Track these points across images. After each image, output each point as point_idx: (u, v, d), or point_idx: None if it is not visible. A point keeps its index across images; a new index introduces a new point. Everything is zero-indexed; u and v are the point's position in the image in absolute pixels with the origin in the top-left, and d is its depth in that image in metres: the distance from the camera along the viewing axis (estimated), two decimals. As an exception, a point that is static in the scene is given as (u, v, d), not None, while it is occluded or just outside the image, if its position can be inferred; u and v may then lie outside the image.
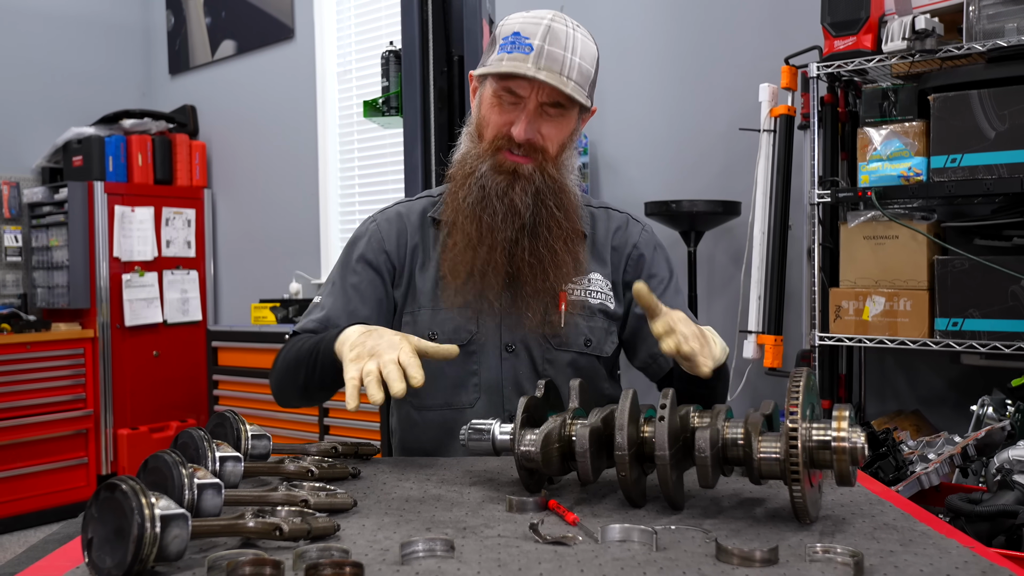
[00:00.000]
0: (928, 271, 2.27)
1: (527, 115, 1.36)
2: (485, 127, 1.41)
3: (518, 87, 1.36)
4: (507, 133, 1.37)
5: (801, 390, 0.94)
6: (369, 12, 4.28)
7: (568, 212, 1.42)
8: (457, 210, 1.41)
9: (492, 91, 1.39)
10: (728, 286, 3.08)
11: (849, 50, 2.34)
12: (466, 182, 1.40)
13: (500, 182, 1.37)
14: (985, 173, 2.15)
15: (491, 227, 1.38)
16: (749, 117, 2.86)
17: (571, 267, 1.42)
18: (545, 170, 1.39)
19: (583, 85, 1.37)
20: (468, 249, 1.39)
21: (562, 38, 1.35)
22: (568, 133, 1.42)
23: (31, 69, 4.73)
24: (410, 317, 1.46)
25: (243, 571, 0.72)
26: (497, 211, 1.37)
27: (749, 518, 0.98)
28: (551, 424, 1.07)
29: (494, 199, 1.37)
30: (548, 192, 1.39)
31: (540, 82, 1.33)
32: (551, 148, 1.39)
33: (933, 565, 0.81)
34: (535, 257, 1.39)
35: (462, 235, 1.40)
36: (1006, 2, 2.15)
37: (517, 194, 1.37)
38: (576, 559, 0.83)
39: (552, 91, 1.35)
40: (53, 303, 4.51)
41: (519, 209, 1.37)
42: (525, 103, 1.36)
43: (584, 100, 1.37)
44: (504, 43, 1.37)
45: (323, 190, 4.42)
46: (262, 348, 3.90)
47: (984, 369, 2.48)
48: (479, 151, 1.41)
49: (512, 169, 1.38)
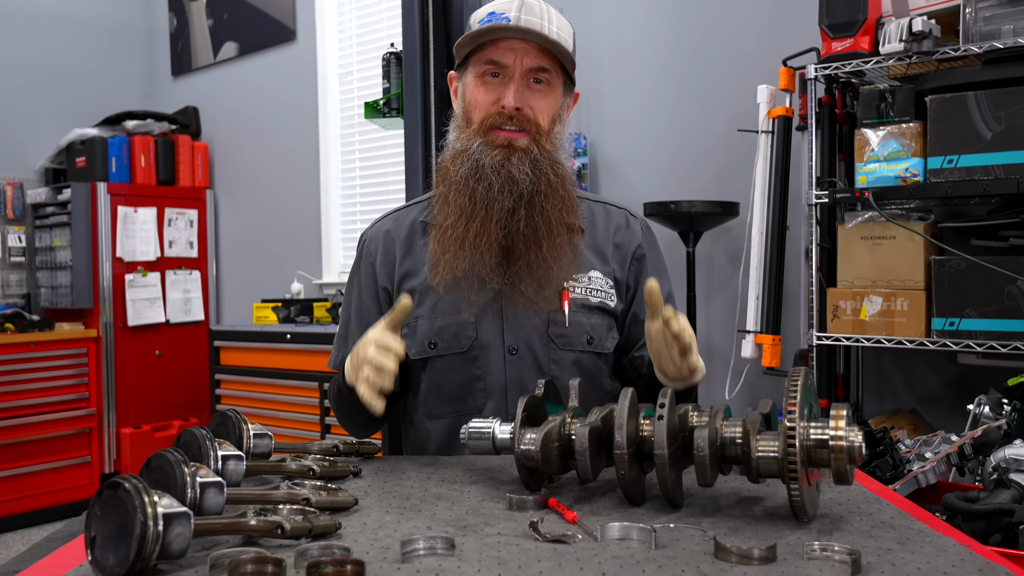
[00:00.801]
0: (925, 271, 2.27)
1: (514, 83, 1.34)
2: (472, 110, 1.38)
3: (501, 55, 1.34)
4: (497, 109, 1.35)
5: (799, 389, 0.94)
6: (370, 14, 4.28)
7: (565, 182, 1.39)
8: (449, 187, 1.37)
9: (474, 74, 1.37)
10: (726, 286, 3.08)
11: (846, 52, 2.34)
12: (457, 159, 1.37)
13: (495, 156, 1.34)
14: (982, 174, 2.15)
15: (485, 199, 1.33)
16: (747, 118, 2.86)
17: (566, 240, 1.38)
18: (540, 143, 1.36)
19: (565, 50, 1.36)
20: (460, 221, 1.34)
21: (537, 11, 1.35)
22: (557, 107, 1.40)
23: (35, 71, 4.73)
24: (408, 328, 1.43)
25: (245, 569, 0.72)
26: (493, 183, 1.33)
27: (747, 516, 0.98)
28: (551, 423, 1.07)
29: (489, 172, 1.33)
30: (546, 163, 1.36)
31: (524, 34, 1.31)
32: (543, 121, 1.37)
33: (930, 563, 0.81)
34: (530, 228, 1.34)
35: (454, 208, 1.35)
36: (1002, 4, 2.15)
37: (514, 164, 1.33)
38: (575, 557, 0.83)
39: (536, 55, 1.33)
40: (56, 303, 4.51)
41: (516, 178, 1.33)
42: (510, 73, 1.34)
43: (569, 50, 1.36)
44: (480, 25, 1.36)
45: (324, 191, 4.42)
46: (264, 348, 3.90)
47: (981, 368, 2.48)
48: (469, 134, 1.38)
49: (507, 143, 1.34)
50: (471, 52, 1.39)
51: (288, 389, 3.78)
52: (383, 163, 4.23)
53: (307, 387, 3.69)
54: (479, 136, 1.36)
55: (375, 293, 1.48)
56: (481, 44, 1.36)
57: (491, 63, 1.35)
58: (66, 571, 0.82)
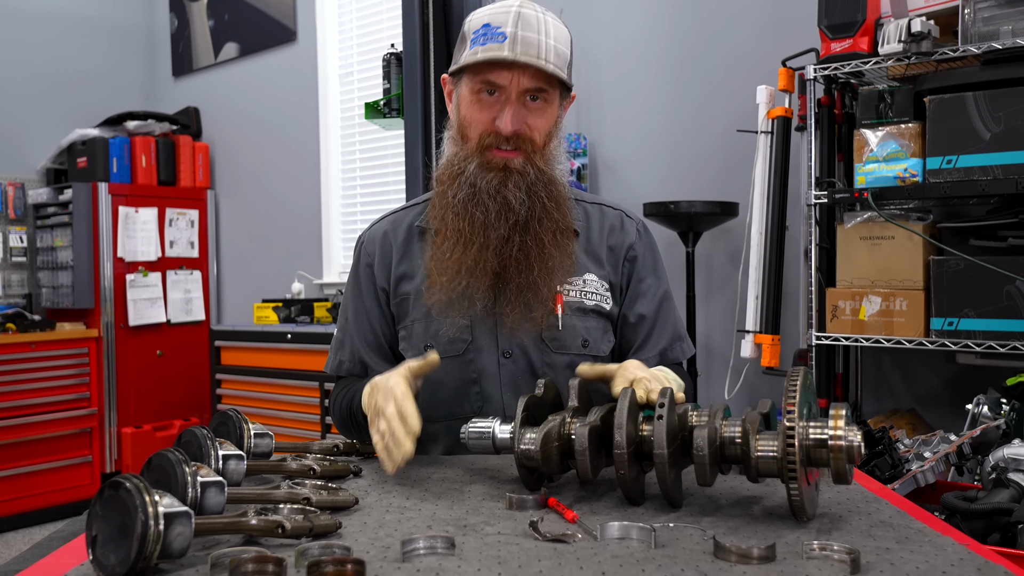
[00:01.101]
0: (924, 271, 2.27)
1: (511, 105, 1.33)
2: (468, 126, 1.37)
3: (497, 77, 1.32)
4: (493, 129, 1.34)
5: (798, 389, 0.94)
6: (370, 15, 4.28)
7: (560, 204, 1.39)
8: (446, 207, 1.37)
9: (470, 88, 1.35)
10: (726, 286, 3.08)
11: (845, 52, 2.34)
12: (455, 182, 1.36)
13: (491, 180, 1.34)
14: (980, 174, 2.15)
15: (483, 225, 1.34)
16: (747, 119, 2.86)
17: (559, 262, 1.38)
18: (534, 162, 1.36)
19: (561, 68, 1.34)
20: (458, 247, 1.35)
21: (534, 23, 1.32)
22: (552, 121, 1.39)
23: (36, 71, 4.73)
24: (405, 332, 1.43)
25: (246, 568, 0.72)
26: (490, 209, 1.33)
27: (747, 516, 0.98)
28: (551, 423, 1.07)
29: (486, 197, 1.33)
30: (540, 185, 1.36)
31: (520, 66, 1.30)
32: (538, 139, 1.36)
33: (929, 562, 0.81)
34: (522, 252, 1.35)
35: (452, 232, 1.36)
36: (1001, 5, 2.15)
37: (511, 191, 1.33)
38: (575, 556, 0.83)
39: (532, 76, 1.32)
40: (58, 303, 4.51)
41: (513, 206, 1.34)
42: (506, 93, 1.33)
43: (566, 78, 1.35)
44: (475, 36, 1.34)
45: (325, 191, 4.42)
46: (265, 348, 3.90)
47: (979, 368, 2.48)
48: (465, 152, 1.37)
49: (502, 165, 1.34)
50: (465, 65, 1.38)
51: (289, 389, 3.78)
52: (383, 163, 4.23)
53: (308, 387, 3.69)
54: (476, 156, 1.36)
55: (375, 294, 1.48)
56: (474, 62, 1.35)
57: (486, 83, 1.34)
58: (67, 571, 0.82)
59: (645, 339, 1.45)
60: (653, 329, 1.46)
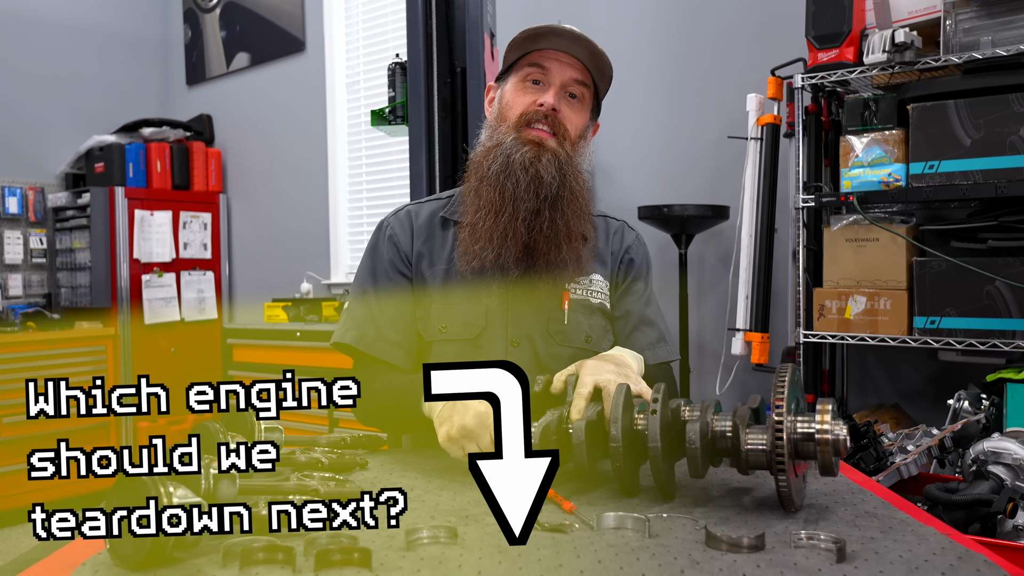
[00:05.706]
0: (907, 272, 2.27)
1: (554, 88, 1.37)
2: (509, 109, 1.39)
3: (547, 60, 1.36)
4: (533, 108, 1.36)
5: (786, 385, 0.94)
6: (376, 26, 4.28)
7: (584, 192, 1.41)
8: (480, 179, 1.38)
9: (516, 80, 1.39)
10: (717, 286, 3.08)
11: (832, 62, 2.34)
12: (491, 153, 1.38)
13: (526, 153, 1.35)
14: (961, 179, 2.15)
15: (513, 196, 1.34)
16: (737, 126, 2.86)
17: (580, 246, 1.39)
18: (566, 149, 1.38)
19: (603, 66, 1.39)
20: (490, 216, 1.35)
21: (577, 31, 1.37)
22: (584, 124, 1.42)
23: (56, 80, 4.73)
24: (422, 312, 1.42)
25: (257, 556, 0.72)
26: (520, 181, 1.34)
27: (737, 506, 0.98)
28: (549, 417, 1.07)
29: (518, 169, 1.34)
30: (570, 169, 1.38)
31: (569, 51, 1.34)
32: (572, 132, 1.39)
33: (912, 551, 0.81)
34: (552, 230, 1.36)
35: (485, 201, 1.36)
36: (981, 16, 2.15)
37: (543, 165, 1.34)
38: (573, 545, 0.83)
39: (578, 69, 1.37)
40: (76, 302, 4.51)
41: (544, 180, 1.34)
42: (551, 81, 1.37)
43: (607, 60, 1.39)
44: (524, 39, 1.37)
45: (332, 195, 4.42)
46: (275, 345, 3.90)
47: (960, 365, 2.48)
48: (504, 128, 1.38)
49: (538, 140, 1.35)
50: (515, 61, 1.40)
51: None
52: (388, 168, 4.23)
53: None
54: (513, 131, 1.37)
55: (401, 260, 1.45)
56: (527, 52, 1.38)
57: (535, 66, 1.37)
58: (83, 560, 0.82)
59: (628, 336, 1.46)
60: (637, 327, 1.47)
